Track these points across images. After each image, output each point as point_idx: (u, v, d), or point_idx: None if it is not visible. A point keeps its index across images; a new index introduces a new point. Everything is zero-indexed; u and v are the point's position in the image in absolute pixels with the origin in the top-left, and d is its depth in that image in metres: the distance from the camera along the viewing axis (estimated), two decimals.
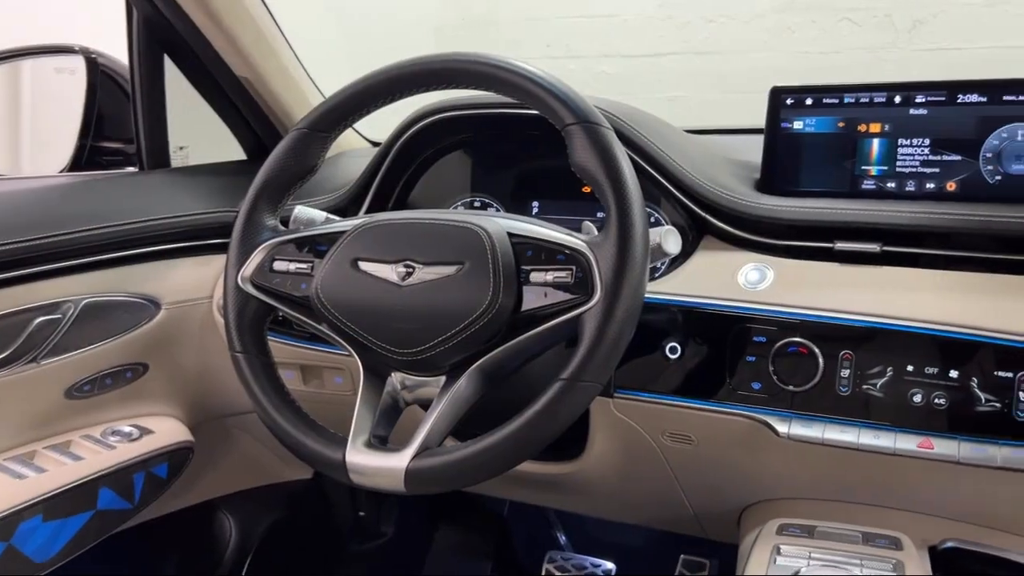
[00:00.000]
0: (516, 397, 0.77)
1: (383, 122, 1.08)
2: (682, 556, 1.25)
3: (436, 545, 1.58)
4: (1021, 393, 0.80)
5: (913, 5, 2.58)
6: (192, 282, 1.17)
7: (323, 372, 1.16)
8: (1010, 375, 0.80)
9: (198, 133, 1.41)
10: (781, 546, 0.82)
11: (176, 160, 1.36)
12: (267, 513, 1.46)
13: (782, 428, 0.87)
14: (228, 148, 1.43)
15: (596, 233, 0.78)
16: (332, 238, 0.84)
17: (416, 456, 0.76)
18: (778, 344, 0.88)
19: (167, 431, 1.16)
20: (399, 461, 0.76)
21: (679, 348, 0.93)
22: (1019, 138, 0.91)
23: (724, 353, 0.91)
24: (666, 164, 0.98)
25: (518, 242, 0.78)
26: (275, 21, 1.28)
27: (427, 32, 2.91)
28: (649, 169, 0.98)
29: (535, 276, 0.77)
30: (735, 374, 0.90)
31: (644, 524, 1.20)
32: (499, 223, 0.80)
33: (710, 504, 1.04)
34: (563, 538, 1.57)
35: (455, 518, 1.58)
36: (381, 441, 0.81)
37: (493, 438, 0.75)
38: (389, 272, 0.80)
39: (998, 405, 0.80)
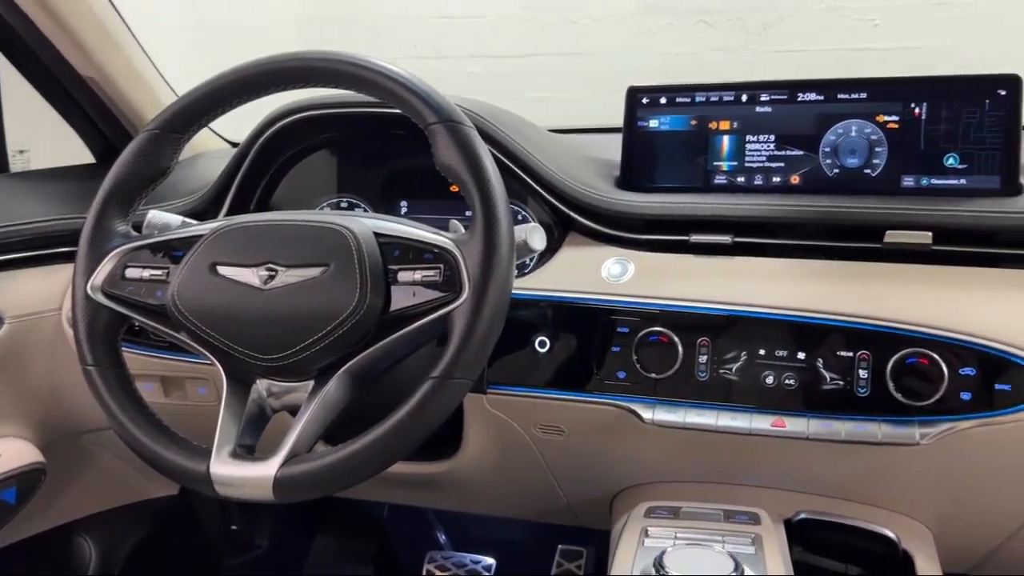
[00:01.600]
0: (389, 398, 0.77)
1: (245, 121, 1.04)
2: (560, 546, 1.28)
3: (314, 553, 1.54)
4: (860, 371, 0.86)
5: (763, 9, 2.71)
6: (37, 294, 1.10)
7: (185, 383, 1.11)
8: (850, 355, 0.86)
9: (41, 135, 1.32)
10: (649, 528, 0.85)
11: (16, 165, 1.28)
12: (131, 533, 1.39)
13: (647, 414, 0.91)
14: (75, 151, 1.35)
15: (463, 231, 0.79)
16: (189, 242, 0.81)
17: (284, 464, 0.74)
18: (640, 334, 0.91)
19: (15, 453, 1.09)
20: (266, 470, 0.74)
21: (548, 342, 0.95)
22: (853, 134, 0.97)
23: (591, 345, 0.94)
24: (530, 163, 1.00)
25: (385, 242, 0.78)
26: (120, 16, 1.22)
27: (288, 30, 2.84)
28: (514, 168, 1.00)
29: (403, 275, 0.77)
30: (601, 365, 0.93)
31: (521, 517, 1.22)
32: (365, 223, 0.79)
33: (583, 493, 1.07)
34: (443, 537, 1.57)
35: (333, 524, 1.55)
36: (248, 450, 0.79)
37: (364, 441, 0.74)
38: (250, 276, 0.78)
39: (841, 383, 0.86)
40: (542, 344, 0.95)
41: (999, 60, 0.99)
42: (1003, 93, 0.92)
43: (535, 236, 0.84)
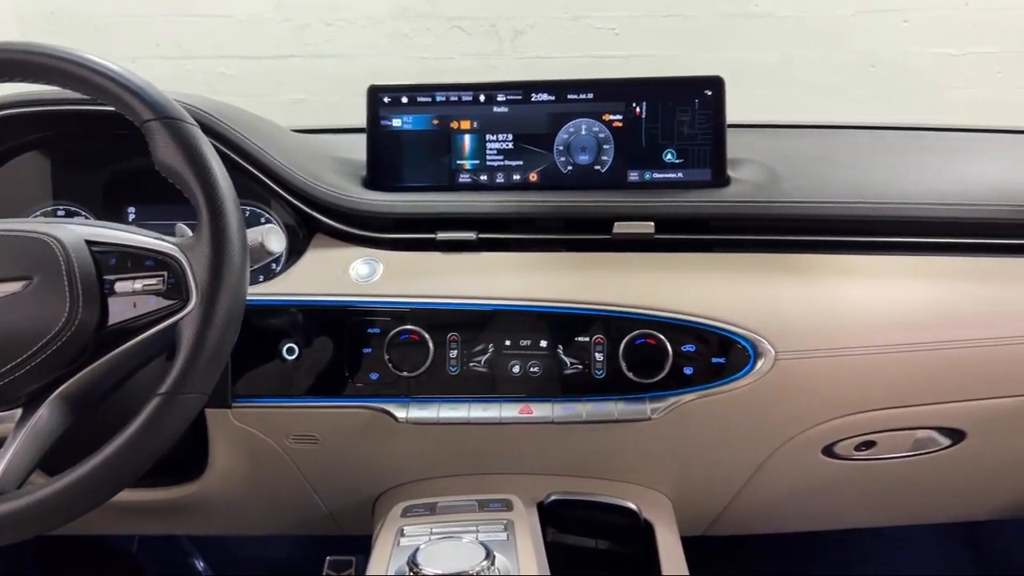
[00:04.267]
0: (121, 420, 0.71)
1: None
2: (328, 558, 1.24)
3: None
4: (596, 354, 0.91)
5: (514, 16, 2.81)
6: None
7: None
8: (587, 339, 0.91)
9: None
10: (405, 527, 0.84)
11: None
12: None
13: (400, 413, 0.90)
14: None
15: (191, 235, 0.74)
16: None
17: None
18: (391, 333, 0.91)
19: None
20: None
21: (296, 348, 0.92)
22: (583, 132, 1.03)
23: (341, 348, 0.92)
24: (270, 163, 0.96)
25: (99, 250, 0.72)
26: None
27: (8, 27, 2.57)
28: (251, 168, 0.95)
29: (121, 286, 0.71)
30: (353, 367, 0.92)
31: (284, 532, 1.18)
32: (75, 230, 0.72)
33: (343, 500, 1.05)
34: (201, 564, 1.48)
35: (75, 566, 1.41)
36: None
37: (82, 470, 0.68)
38: None
39: (580, 367, 0.91)
40: (290, 351, 0.92)
41: (721, 64, 1.09)
42: (709, 93, 1.01)
43: (272, 238, 0.81)
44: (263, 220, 1.00)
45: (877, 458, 1.00)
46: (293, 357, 0.92)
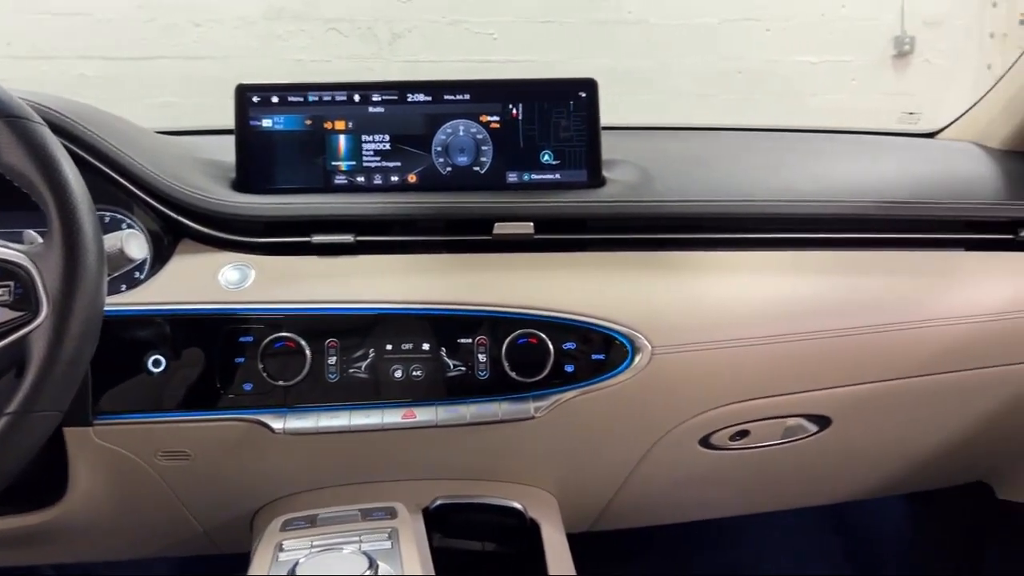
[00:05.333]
0: None
1: None
2: None
3: None
4: (479, 356, 0.90)
5: (392, 20, 2.79)
6: None
7: None
8: (470, 341, 0.90)
9: None
10: (284, 542, 0.81)
11: None
12: None
13: (277, 424, 0.87)
14: None
15: (41, 242, 0.69)
16: None
17: None
18: (265, 342, 0.88)
19: None
20: None
21: (164, 360, 0.87)
22: (461, 133, 1.02)
23: (212, 358, 0.88)
24: (129, 165, 0.91)
25: None
26: None
27: None
28: (109, 171, 0.90)
29: None
30: (225, 378, 0.88)
31: (157, 555, 1.12)
32: None
33: (219, 517, 1.00)
34: None
35: None
36: None
37: None
38: None
39: (464, 369, 0.90)
40: (157, 363, 0.87)
41: (597, 70, 1.11)
42: (583, 95, 1.03)
43: (132, 243, 0.77)
44: (125, 226, 0.94)
45: (751, 447, 1.04)
46: (160, 370, 0.87)
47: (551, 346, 0.90)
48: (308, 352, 0.88)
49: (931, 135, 1.33)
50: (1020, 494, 1.32)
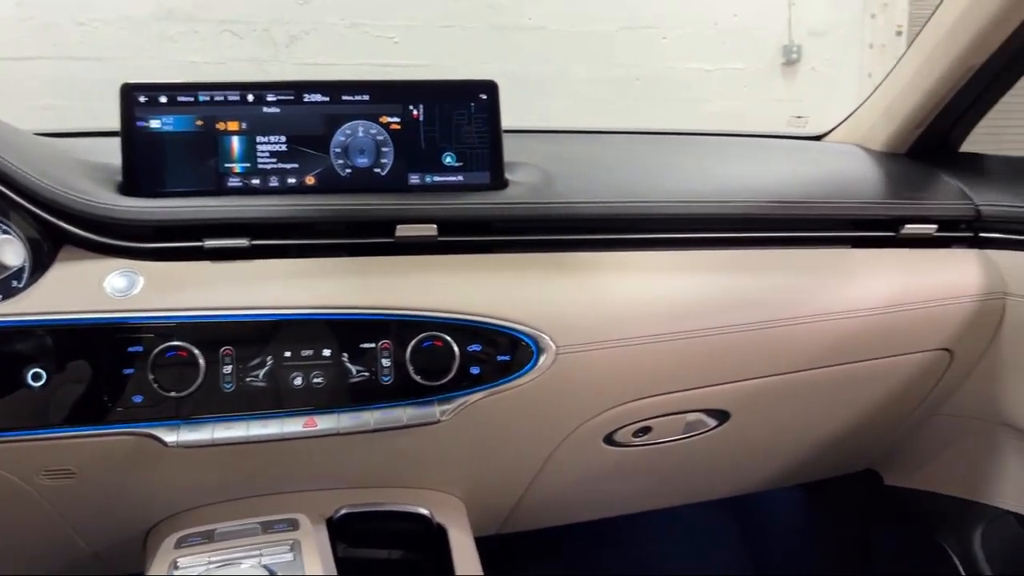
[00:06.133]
0: None
1: None
2: None
3: None
4: (383, 360, 0.89)
5: (289, 21, 2.72)
6: None
7: None
8: (373, 345, 0.89)
9: None
10: (179, 560, 0.78)
11: None
12: None
13: (170, 437, 0.83)
14: None
15: None
16: None
17: None
18: (156, 351, 0.84)
19: None
20: None
21: (44, 373, 0.82)
22: (360, 134, 1.00)
23: (98, 370, 0.83)
24: (2, 167, 0.85)
25: None
26: None
27: None
28: None
29: None
30: (113, 391, 0.83)
31: None
32: None
33: (109, 538, 0.95)
34: None
35: None
36: None
37: None
38: None
39: (367, 374, 0.88)
40: (37, 377, 0.82)
41: (499, 74, 1.10)
42: (484, 97, 1.03)
43: (6, 250, 0.72)
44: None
45: (653, 443, 1.06)
46: (41, 383, 0.82)
47: (456, 349, 0.89)
48: (202, 361, 0.84)
49: (818, 138, 1.39)
50: (905, 479, 1.39)
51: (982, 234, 1.14)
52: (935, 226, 1.11)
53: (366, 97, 1.01)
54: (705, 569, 1.58)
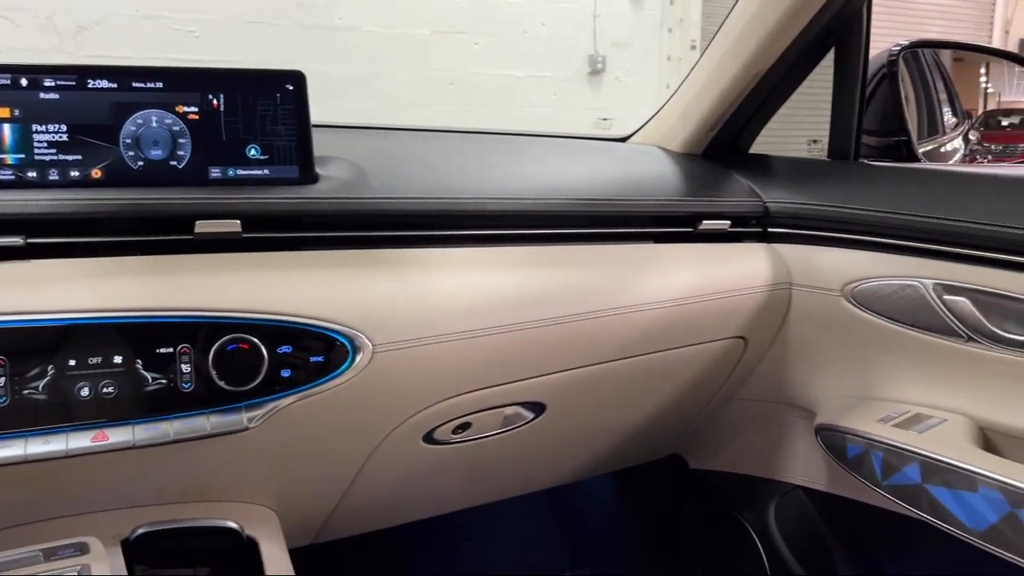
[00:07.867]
0: None
1: None
2: None
3: None
4: (183, 366, 0.83)
5: (75, 10, 2.52)
6: None
7: None
8: (171, 350, 0.82)
9: None
10: None
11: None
12: None
13: None
14: None
15: None
16: None
17: None
18: None
19: None
20: None
21: None
22: (154, 124, 0.93)
23: None
24: None
25: None
26: None
27: None
28: None
29: None
30: None
31: None
32: None
33: None
34: None
35: None
36: None
37: None
38: None
39: (165, 381, 0.82)
40: None
41: (310, 75, 1.06)
42: (291, 88, 0.98)
43: None
44: None
45: (473, 438, 1.06)
46: None
47: (264, 351, 0.85)
48: None
49: (623, 139, 1.45)
50: (707, 462, 1.48)
51: (770, 229, 1.23)
52: (728, 222, 1.19)
53: (160, 85, 0.94)
54: (523, 561, 1.60)
